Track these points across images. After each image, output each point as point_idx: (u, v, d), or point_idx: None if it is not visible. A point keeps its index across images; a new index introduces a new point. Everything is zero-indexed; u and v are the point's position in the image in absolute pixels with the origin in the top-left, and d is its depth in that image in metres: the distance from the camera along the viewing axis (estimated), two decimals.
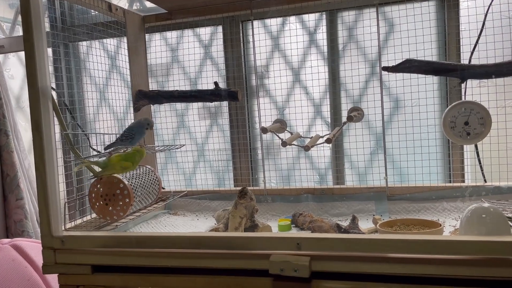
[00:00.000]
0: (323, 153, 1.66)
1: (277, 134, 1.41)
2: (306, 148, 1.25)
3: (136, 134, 1.26)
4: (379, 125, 1.44)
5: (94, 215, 1.27)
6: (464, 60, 1.42)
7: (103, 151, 1.27)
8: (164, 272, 0.98)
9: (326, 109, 1.68)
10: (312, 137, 1.40)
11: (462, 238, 0.81)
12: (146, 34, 1.64)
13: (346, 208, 1.40)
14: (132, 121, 1.53)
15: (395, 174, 1.60)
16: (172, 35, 1.77)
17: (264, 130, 1.33)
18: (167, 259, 0.97)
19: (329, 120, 1.69)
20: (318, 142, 1.32)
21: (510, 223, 0.99)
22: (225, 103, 1.76)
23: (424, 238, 0.81)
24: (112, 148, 1.26)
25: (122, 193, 1.18)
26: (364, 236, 0.89)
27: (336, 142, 1.64)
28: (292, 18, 1.68)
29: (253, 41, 1.55)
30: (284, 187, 1.55)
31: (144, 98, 1.48)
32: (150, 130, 1.37)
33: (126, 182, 1.20)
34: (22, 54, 1.93)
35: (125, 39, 1.54)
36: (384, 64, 1.30)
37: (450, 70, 1.17)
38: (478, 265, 0.80)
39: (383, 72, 1.29)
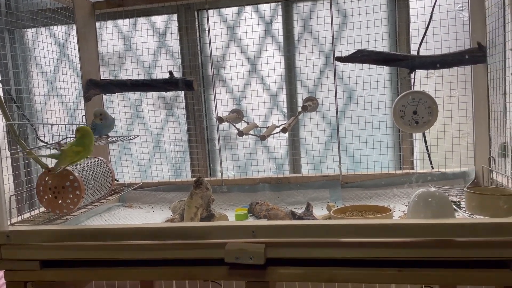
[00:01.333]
0: (279, 142, 1.68)
1: (234, 124, 1.40)
2: (262, 138, 1.26)
3: (97, 126, 1.27)
4: (334, 114, 1.47)
5: (43, 208, 1.22)
6: (414, 52, 1.47)
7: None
8: (117, 265, 0.96)
9: (282, 99, 1.70)
10: (268, 126, 1.41)
11: (409, 222, 0.85)
12: (97, 22, 1.58)
13: (302, 196, 1.42)
14: (83, 111, 1.48)
15: (348, 162, 1.64)
16: (124, 22, 1.71)
17: (220, 120, 1.32)
18: (120, 251, 0.95)
19: (285, 110, 1.70)
20: (274, 132, 1.33)
21: (454, 206, 1.04)
22: (181, 93, 1.73)
23: (373, 223, 0.84)
24: (61, 139, 1.21)
25: (72, 185, 1.14)
26: (317, 222, 0.91)
27: (292, 132, 1.66)
28: (248, 8, 1.67)
29: (208, 30, 1.53)
30: (242, 177, 1.55)
31: (95, 87, 1.43)
32: (101, 122, 1.33)
33: (77, 174, 1.15)
34: None
35: (74, 26, 1.48)
36: (338, 54, 1.32)
37: (399, 60, 1.21)
38: (425, 246, 0.83)
39: (337, 63, 1.32)
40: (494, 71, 1.22)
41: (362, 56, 1.19)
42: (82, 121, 1.45)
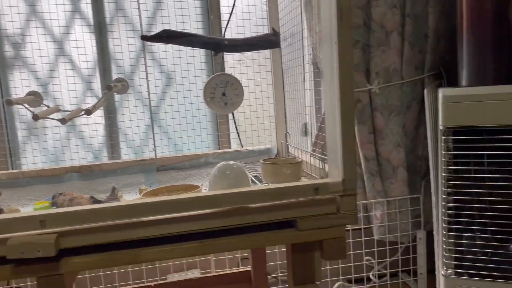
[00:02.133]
0: (95, 127, 1.57)
1: (28, 107, 1.25)
2: (63, 121, 1.15)
3: None
4: (152, 98, 1.44)
5: None
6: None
7: None
8: None
9: (96, 80, 1.59)
10: (73, 110, 1.29)
11: (205, 194, 0.88)
12: None
13: (115, 183, 1.36)
14: None
15: (169, 144, 1.64)
16: None
17: (9, 102, 1.16)
18: None
19: (100, 93, 1.60)
20: (79, 115, 1.23)
21: (255, 179, 1.12)
22: None
23: (168, 199, 0.84)
24: None
25: None
26: (112, 204, 0.86)
27: (109, 115, 1.57)
28: None
29: None
30: (49, 167, 1.40)
31: None
32: None
33: None
34: None
35: None
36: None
37: (204, 43, 1.24)
38: (223, 216, 0.87)
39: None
40: (290, 53, 1.36)
41: (167, 36, 1.18)
42: None
